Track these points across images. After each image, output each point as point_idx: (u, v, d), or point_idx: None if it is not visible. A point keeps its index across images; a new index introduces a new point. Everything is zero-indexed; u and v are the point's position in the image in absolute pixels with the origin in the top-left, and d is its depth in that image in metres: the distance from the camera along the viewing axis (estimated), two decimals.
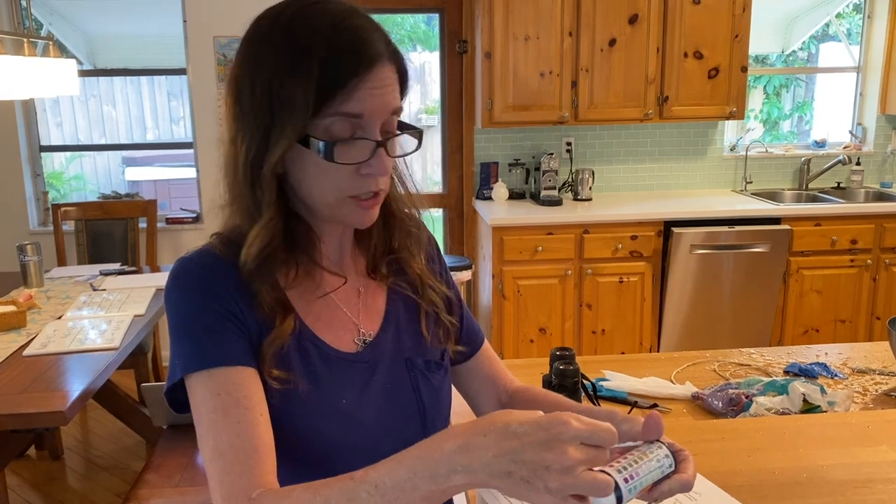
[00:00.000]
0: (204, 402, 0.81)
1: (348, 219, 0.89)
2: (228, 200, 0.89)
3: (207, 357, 0.83)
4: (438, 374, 1.01)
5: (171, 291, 0.87)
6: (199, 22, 3.89)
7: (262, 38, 0.84)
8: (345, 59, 0.80)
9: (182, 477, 2.17)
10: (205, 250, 0.90)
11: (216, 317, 0.84)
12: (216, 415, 0.80)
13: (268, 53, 0.82)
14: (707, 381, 1.67)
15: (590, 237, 3.68)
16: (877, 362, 1.79)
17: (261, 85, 0.82)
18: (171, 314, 0.87)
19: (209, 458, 0.80)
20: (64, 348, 2.28)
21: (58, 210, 3.65)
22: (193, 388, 0.83)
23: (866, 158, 4.38)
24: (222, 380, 0.82)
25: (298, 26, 0.82)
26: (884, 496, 1.01)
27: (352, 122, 0.82)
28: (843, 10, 4.71)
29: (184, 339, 0.84)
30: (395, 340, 0.98)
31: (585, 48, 3.76)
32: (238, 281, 0.87)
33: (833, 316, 3.87)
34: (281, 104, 0.81)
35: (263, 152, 0.83)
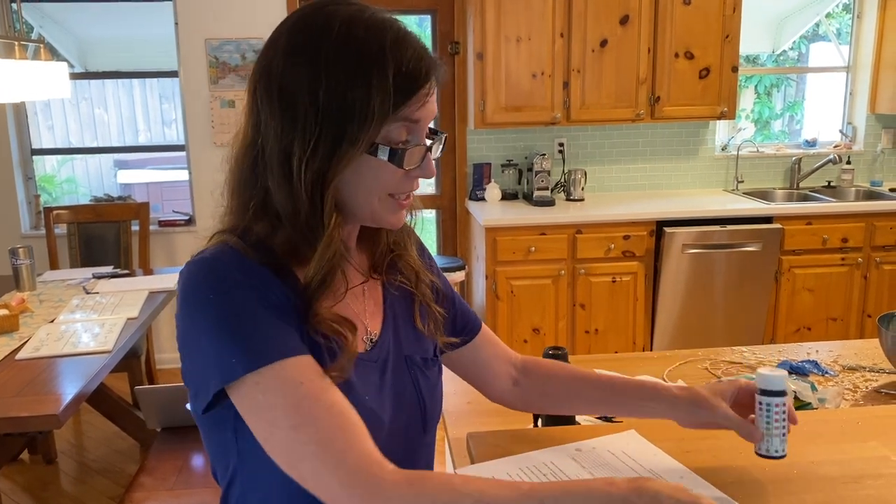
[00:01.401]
0: (285, 395, 0.79)
1: (386, 219, 0.91)
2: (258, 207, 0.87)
3: (273, 350, 0.80)
4: (434, 370, 1.03)
5: (204, 291, 0.83)
6: (190, 24, 3.88)
7: (316, 46, 0.83)
8: (414, 68, 0.83)
9: (176, 480, 2.17)
10: (225, 249, 0.87)
11: (265, 309, 0.82)
12: (308, 402, 0.79)
13: (333, 61, 0.81)
14: (699, 380, 1.68)
15: (582, 237, 3.69)
16: (867, 359, 1.81)
17: (327, 92, 0.81)
18: (209, 314, 0.82)
19: (315, 442, 0.77)
20: (57, 352, 2.27)
21: (50, 213, 3.64)
22: (265, 383, 0.79)
23: (856, 157, 4.40)
24: (297, 370, 0.80)
25: (360, 34, 0.82)
26: (873, 491, 1.02)
27: (407, 128, 0.85)
28: (833, 10, 4.74)
29: (238, 337, 0.80)
30: (395, 338, 0.99)
31: (577, 49, 3.77)
32: (274, 281, 0.85)
33: (825, 314, 3.90)
34: (353, 112, 0.81)
35: (329, 161, 0.83)
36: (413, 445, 0.99)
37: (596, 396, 1.12)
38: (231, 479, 0.92)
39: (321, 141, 0.82)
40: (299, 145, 0.82)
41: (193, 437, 2.33)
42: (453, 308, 1.11)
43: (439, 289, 1.09)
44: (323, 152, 0.82)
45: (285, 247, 0.88)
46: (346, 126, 0.81)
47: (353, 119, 0.81)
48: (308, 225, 0.85)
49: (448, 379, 1.70)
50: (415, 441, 0.99)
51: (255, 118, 0.87)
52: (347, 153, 0.82)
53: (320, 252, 0.85)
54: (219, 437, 0.90)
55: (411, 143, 0.86)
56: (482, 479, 0.80)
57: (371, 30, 0.83)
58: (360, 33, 0.83)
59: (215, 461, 0.93)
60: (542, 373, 1.16)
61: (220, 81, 3.93)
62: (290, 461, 0.79)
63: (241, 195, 0.89)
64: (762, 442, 0.98)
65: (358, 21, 0.83)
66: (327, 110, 0.81)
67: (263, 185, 0.86)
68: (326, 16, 0.84)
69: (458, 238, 4.34)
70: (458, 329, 1.12)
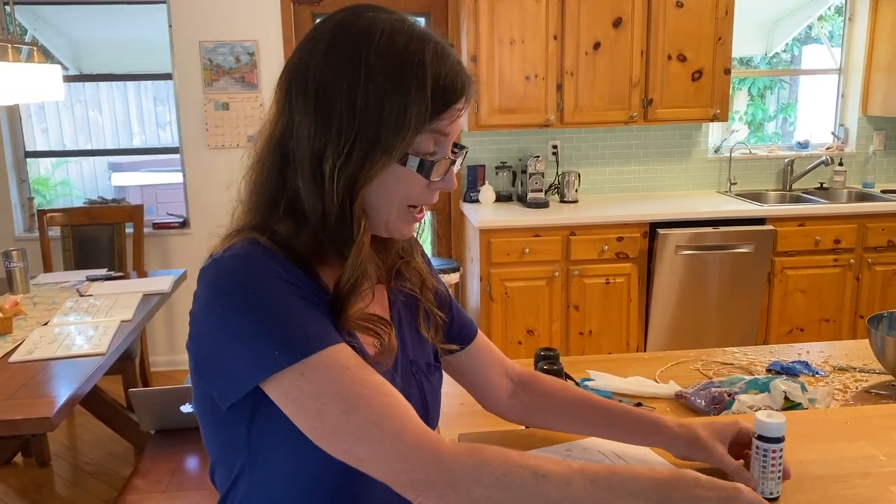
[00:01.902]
0: (333, 382, 0.79)
1: (399, 230, 0.92)
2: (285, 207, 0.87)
3: (315, 339, 0.81)
4: (436, 375, 1.04)
5: (235, 287, 0.82)
6: (184, 27, 3.89)
7: (358, 50, 0.83)
8: (452, 83, 0.85)
9: (170, 482, 2.17)
10: (254, 245, 0.86)
11: (299, 301, 0.83)
12: (358, 385, 0.80)
13: (373, 68, 0.82)
14: (690, 380, 1.69)
15: (576, 239, 3.70)
16: (858, 360, 1.82)
17: (365, 98, 0.82)
18: (241, 310, 0.81)
19: (371, 422, 0.78)
20: (50, 354, 2.27)
21: (43, 216, 3.63)
22: (310, 373, 0.79)
23: (849, 159, 4.43)
24: (341, 357, 0.81)
25: (401, 44, 0.83)
26: (861, 490, 1.03)
27: (436, 140, 0.86)
28: (825, 13, 4.77)
29: (276, 329, 0.80)
30: (401, 343, 1.00)
31: (570, 52, 3.79)
32: (305, 277, 0.86)
33: (818, 315, 3.91)
34: (391, 119, 0.82)
35: (362, 167, 0.83)
36: None
37: (593, 420, 1.12)
38: (235, 480, 0.91)
39: (356, 146, 0.83)
40: (333, 149, 0.83)
41: (187, 439, 2.33)
42: (451, 313, 1.12)
43: (441, 294, 1.10)
44: (357, 158, 0.83)
45: (308, 247, 0.88)
46: (381, 133, 0.82)
47: (390, 127, 0.82)
48: (337, 229, 0.86)
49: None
50: None
51: (287, 118, 0.87)
52: (381, 160, 0.83)
53: (353, 257, 0.86)
54: (227, 436, 0.89)
55: (438, 155, 0.87)
56: (536, 455, 0.83)
57: (412, 40, 0.84)
58: (402, 42, 0.84)
59: (218, 461, 0.93)
60: (540, 389, 1.16)
61: (214, 84, 3.94)
62: (345, 446, 0.79)
63: (264, 193, 0.89)
64: (758, 484, 1.00)
65: (399, 31, 0.85)
66: (364, 116, 0.82)
67: (293, 186, 0.87)
68: (368, 22, 0.85)
69: (453, 240, 4.35)
70: (455, 335, 1.13)
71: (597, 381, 1.67)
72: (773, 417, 1.00)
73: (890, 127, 4.42)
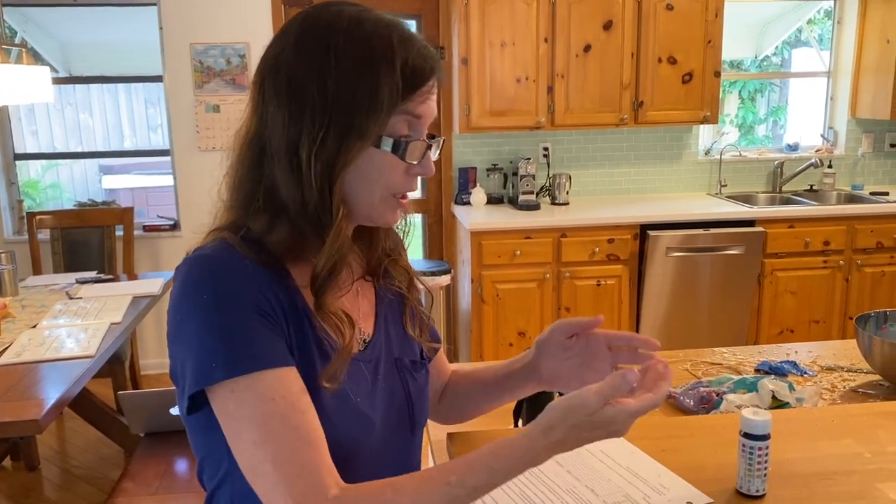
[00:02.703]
0: (255, 407, 0.80)
1: (384, 217, 0.92)
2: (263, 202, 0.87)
3: (254, 359, 0.81)
4: (422, 373, 1.04)
5: (197, 290, 0.83)
6: (175, 29, 3.88)
7: (325, 39, 0.85)
8: (420, 64, 0.86)
9: (160, 485, 2.16)
10: (224, 246, 0.87)
11: (255, 316, 0.82)
12: (275, 421, 0.79)
13: (341, 54, 0.84)
14: (679, 380, 1.70)
15: (567, 241, 3.70)
16: (845, 360, 1.83)
17: (336, 83, 0.83)
18: (199, 314, 0.82)
19: (271, 462, 0.79)
20: (39, 357, 2.26)
21: (33, 218, 3.61)
22: (238, 392, 0.80)
23: (838, 161, 4.45)
24: (274, 384, 0.81)
25: (368, 30, 0.85)
26: (846, 487, 1.04)
27: (409, 123, 0.87)
28: (814, 16, 4.80)
29: (222, 341, 0.80)
30: (387, 340, 1.00)
31: (561, 54, 3.80)
32: (268, 281, 0.85)
33: (807, 316, 3.93)
34: (361, 103, 0.83)
35: (337, 152, 0.84)
36: (402, 446, 1.00)
37: (483, 397, 1.13)
38: (221, 482, 0.91)
39: (330, 131, 0.83)
40: (308, 136, 0.84)
41: (177, 441, 2.32)
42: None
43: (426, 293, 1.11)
44: (332, 143, 0.84)
45: (282, 244, 0.88)
46: (354, 116, 0.83)
47: (363, 109, 0.83)
48: (316, 216, 0.86)
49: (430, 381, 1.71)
50: (404, 442, 1.00)
51: (261, 111, 0.87)
52: (356, 144, 0.84)
53: (329, 243, 0.86)
54: (210, 438, 0.88)
55: (413, 138, 0.88)
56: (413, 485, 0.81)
57: (379, 26, 0.86)
58: (369, 28, 0.86)
59: (204, 462, 0.93)
60: (457, 383, 1.16)
61: (205, 86, 3.93)
62: (248, 474, 0.81)
63: (242, 189, 0.89)
64: (744, 481, 1.01)
65: (366, 18, 0.87)
66: (336, 101, 0.83)
67: (270, 178, 0.87)
68: (335, 12, 0.87)
69: (444, 242, 4.35)
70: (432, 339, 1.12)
71: None
72: (759, 415, 1.00)
73: (878, 129, 4.44)
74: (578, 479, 1.06)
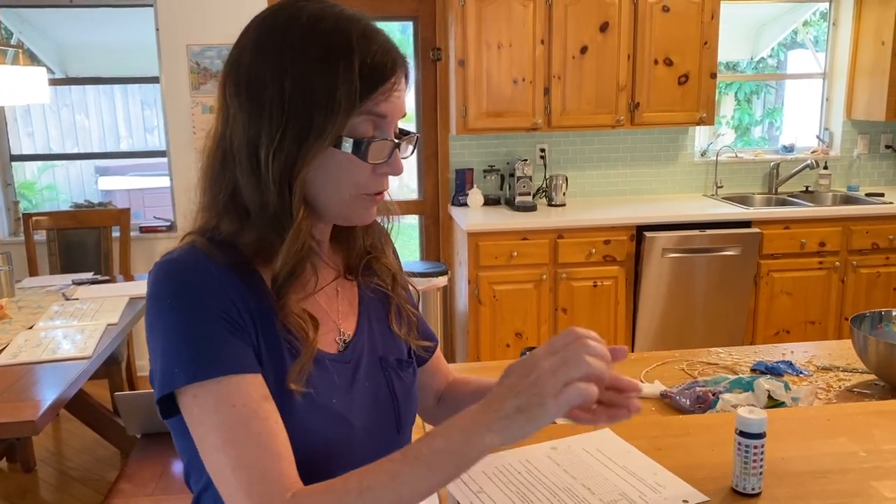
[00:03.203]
0: (217, 413, 0.79)
1: (356, 216, 0.91)
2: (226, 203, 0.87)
3: (216, 365, 0.80)
4: (409, 372, 1.02)
5: (164, 294, 0.83)
6: (171, 30, 3.88)
7: (283, 37, 0.84)
8: (380, 61, 0.83)
9: (156, 486, 2.16)
10: (192, 250, 0.87)
11: (219, 321, 0.82)
12: (237, 427, 0.79)
13: (298, 52, 0.82)
14: (676, 380, 1.70)
15: (564, 242, 3.71)
16: (841, 360, 1.84)
17: (293, 83, 0.82)
18: (164, 319, 0.83)
19: (231, 468, 0.78)
20: (35, 358, 2.25)
21: (29, 219, 3.61)
22: (202, 396, 0.80)
23: (833, 162, 4.46)
24: (235, 389, 0.80)
25: (327, 27, 0.83)
26: (841, 486, 1.04)
27: (374, 123, 0.85)
28: (810, 18, 4.81)
29: (185, 346, 0.81)
30: (370, 339, 0.99)
31: (557, 55, 3.80)
32: (234, 283, 0.85)
33: (803, 317, 3.94)
34: (319, 103, 0.81)
35: (297, 153, 0.82)
36: (387, 445, 0.98)
37: None
38: (207, 484, 0.90)
39: (288, 132, 0.82)
40: (266, 136, 0.83)
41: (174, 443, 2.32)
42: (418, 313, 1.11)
43: (411, 293, 1.09)
44: (290, 143, 0.82)
45: (252, 246, 0.88)
46: (312, 116, 0.82)
47: (320, 109, 0.82)
48: (276, 217, 0.85)
49: None
50: (389, 441, 0.98)
51: (224, 112, 0.87)
52: (314, 145, 0.83)
53: (287, 244, 0.85)
54: (191, 441, 0.87)
55: (378, 138, 0.86)
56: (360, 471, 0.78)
57: (338, 23, 0.84)
58: (328, 26, 0.84)
59: (190, 465, 0.93)
60: (456, 391, 1.15)
61: (201, 87, 3.93)
62: (212, 477, 0.81)
63: (210, 191, 0.89)
64: (739, 479, 1.01)
65: (326, 15, 0.85)
66: (293, 101, 0.82)
67: (232, 179, 0.87)
68: (294, 10, 0.85)
69: (441, 243, 4.35)
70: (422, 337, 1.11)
71: None
72: (755, 414, 1.01)
73: (874, 131, 4.46)
74: (575, 478, 1.06)
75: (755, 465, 1.00)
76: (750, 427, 1.00)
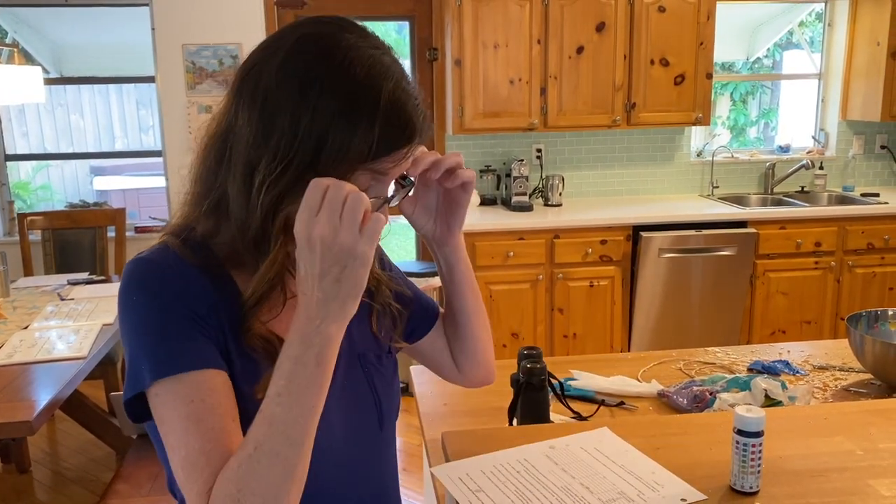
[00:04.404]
0: (175, 409, 0.79)
1: None
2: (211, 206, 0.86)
3: (178, 361, 0.80)
4: (389, 366, 1.03)
5: (130, 293, 0.83)
6: (167, 30, 3.87)
7: (312, 69, 0.80)
8: (401, 128, 0.81)
9: (152, 486, 2.16)
10: (164, 250, 0.87)
11: (183, 319, 0.82)
12: (189, 422, 0.78)
13: (324, 96, 0.79)
14: (673, 380, 1.70)
15: (560, 242, 3.71)
16: (837, 359, 1.84)
17: (310, 122, 0.79)
18: (131, 317, 0.83)
19: (179, 465, 0.78)
20: (31, 358, 2.25)
21: (24, 219, 3.60)
22: (162, 394, 0.80)
23: (829, 163, 4.47)
24: (194, 385, 0.80)
25: (360, 77, 0.80)
26: (839, 484, 1.04)
27: (374, 178, 0.84)
28: (806, 19, 4.82)
29: (149, 344, 0.81)
30: (348, 337, 0.96)
31: (554, 56, 3.81)
32: (204, 285, 0.85)
33: (799, 317, 3.95)
34: (329, 152, 0.79)
35: (292, 188, 0.80)
36: (370, 442, 0.99)
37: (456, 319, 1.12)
38: None
39: (291, 167, 0.80)
40: (267, 163, 0.80)
41: None
42: (413, 307, 1.11)
43: (404, 295, 1.09)
44: (289, 178, 0.80)
45: (226, 247, 0.87)
46: (319, 162, 0.79)
47: (329, 158, 0.79)
48: (254, 241, 0.84)
49: (425, 381, 1.71)
50: (372, 438, 0.99)
51: (232, 116, 0.85)
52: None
53: (261, 273, 0.84)
54: None
55: (371, 193, 0.83)
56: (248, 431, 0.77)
57: (372, 72, 0.81)
58: (361, 73, 0.80)
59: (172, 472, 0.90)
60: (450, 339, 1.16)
61: (197, 87, 3.92)
62: (173, 474, 0.81)
63: (200, 186, 0.88)
64: (737, 478, 1.01)
65: (361, 59, 0.81)
66: (305, 140, 0.79)
67: (223, 186, 0.85)
68: (331, 42, 0.81)
69: None
70: (416, 323, 1.12)
71: (580, 381, 1.68)
72: (753, 412, 1.01)
73: (869, 131, 4.47)
74: (574, 477, 1.06)
75: (753, 464, 1.00)
76: (748, 426, 1.00)
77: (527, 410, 1.37)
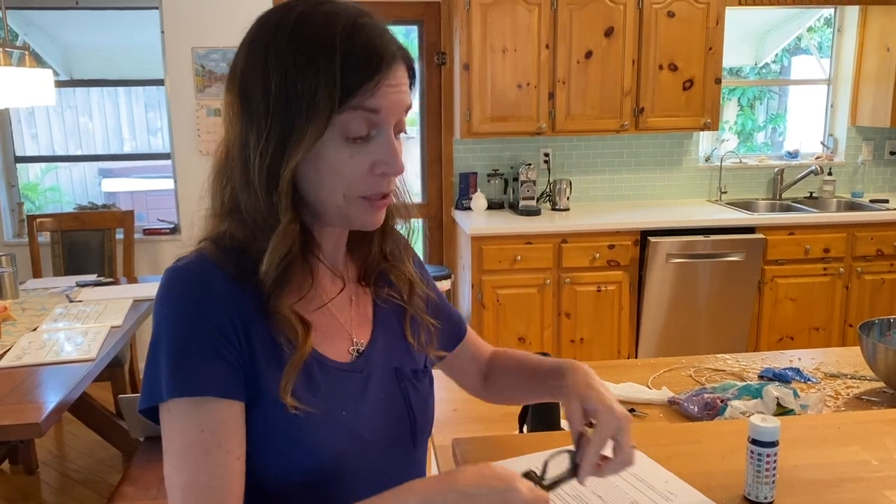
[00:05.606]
0: (183, 432, 0.79)
1: (359, 220, 0.87)
2: (228, 208, 0.86)
3: (197, 383, 0.79)
4: (424, 382, 1.00)
5: (165, 304, 0.82)
6: (176, 33, 3.88)
7: (271, 38, 0.82)
8: (365, 56, 0.80)
9: (160, 490, 2.15)
10: (202, 258, 0.85)
11: (210, 339, 0.80)
12: (196, 450, 0.78)
13: (282, 53, 0.80)
14: (683, 387, 1.70)
15: (568, 246, 3.70)
16: (849, 367, 1.83)
17: (276, 84, 0.80)
18: (160, 327, 0.82)
19: (181, 488, 0.78)
20: (39, 360, 2.25)
21: (33, 221, 3.61)
22: (175, 412, 0.79)
23: (838, 169, 4.46)
24: (208, 414, 0.79)
25: (312, 25, 0.81)
26: (854, 494, 1.03)
27: (368, 120, 0.82)
28: (815, 24, 4.81)
29: (172, 359, 0.80)
30: (385, 349, 0.96)
31: (562, 60, 3.80)
32: (239, 294, 0.83)
33: (807, 323, 3.93)
34: (301, 103, 0.79)
35: (281, 154, 0.81)
36: (403, 459, 0.96)
37: (532, 387, 1.11)
38: None
39: (272, 134, 0.81)
40: (254, 139, 0.82)
41: None
42: (443, 318, 1.09)
43: (433, 301, 1.06)
44: (275, 147, 0.81)
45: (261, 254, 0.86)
46: (293, 118, 0.80)
47: (301, 111, 0.79)
48: (266, 220, 0.83)
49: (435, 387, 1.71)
50: (404, 454, 0.96)
51: (226, 118, 0.87)
52: (297, 146, 0.80)
53: (272, 247, 0.82)
54: None
55: (373, 136, 0.83)
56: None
57: (327, 19, 0.81)
58: (313, 24, 0.81)
59: None
60: (499, 369, 1.17)
61: (206, 90, 3.93)
62: (166, 489, 0.81)
63: (214, 194, 0.88)
64: (752, 488, 1.01)
65: (315, 13, 0.82)
66: (277, 103, 0.80)
67: (231, 184, 0.86)
68: (286, 10, 0.84)
69: (444, 247, 4.35)
70: (446, 338, 1.11)
71: None
72: (768, 422, 1.00)
73: (878, 137, 4.46)
74: (586, 486, 1.06)
75: (768, 474, 1.00)
76: (763, 435, 0.99)
77: (537, 417, 1.36)
